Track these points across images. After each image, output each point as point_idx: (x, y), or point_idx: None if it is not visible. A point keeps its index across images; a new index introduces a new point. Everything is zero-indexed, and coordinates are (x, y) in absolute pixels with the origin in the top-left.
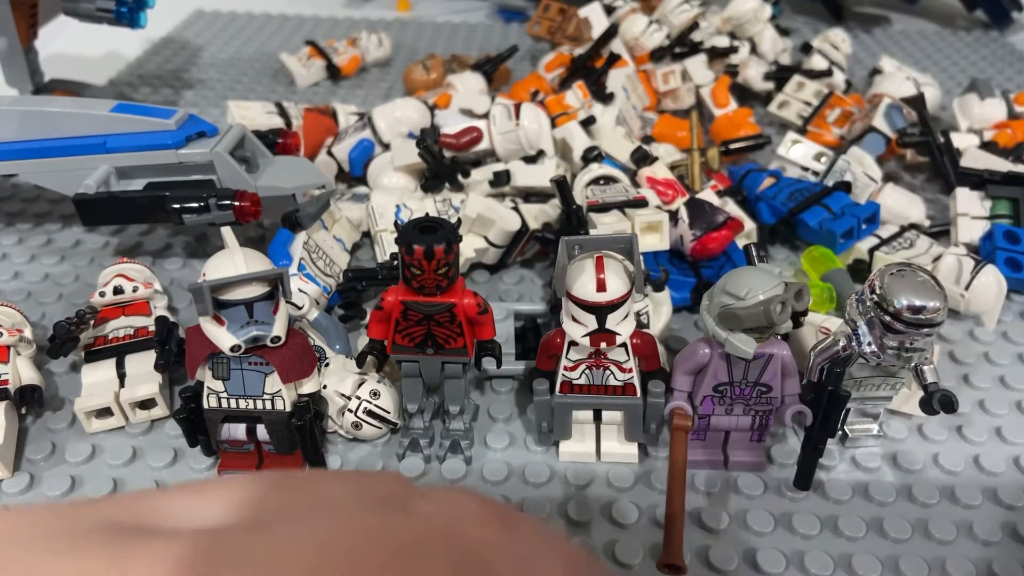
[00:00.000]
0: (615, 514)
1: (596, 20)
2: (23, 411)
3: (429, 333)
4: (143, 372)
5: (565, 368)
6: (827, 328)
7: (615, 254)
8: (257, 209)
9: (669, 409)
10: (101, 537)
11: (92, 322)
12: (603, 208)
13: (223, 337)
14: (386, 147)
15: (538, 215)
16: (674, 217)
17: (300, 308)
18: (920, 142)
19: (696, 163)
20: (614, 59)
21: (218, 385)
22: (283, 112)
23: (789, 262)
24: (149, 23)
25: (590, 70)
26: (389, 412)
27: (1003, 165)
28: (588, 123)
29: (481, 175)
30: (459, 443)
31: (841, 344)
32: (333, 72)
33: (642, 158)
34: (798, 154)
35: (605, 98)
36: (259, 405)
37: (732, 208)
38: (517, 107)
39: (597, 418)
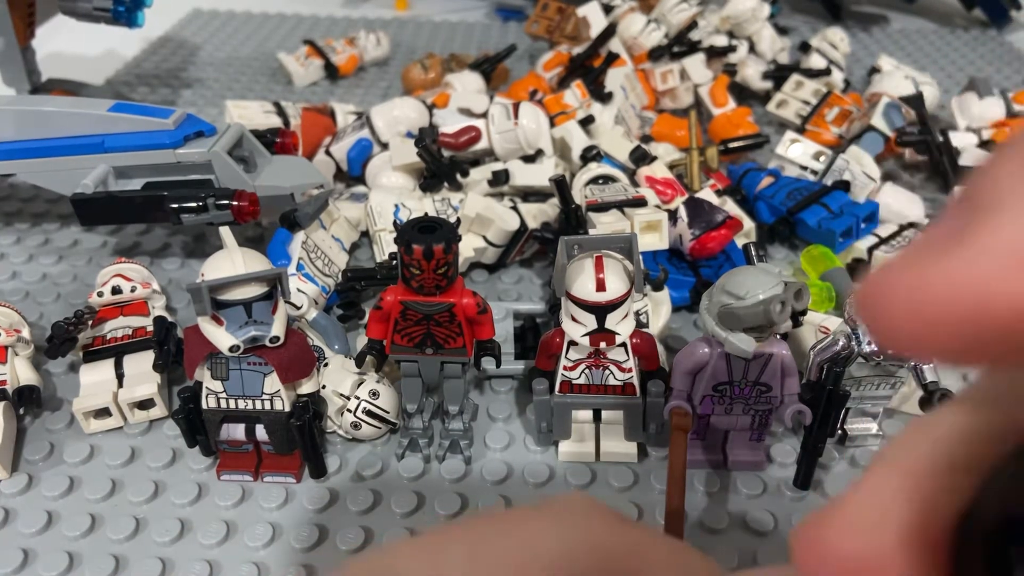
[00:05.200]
0: None
1: (594, 19)
2: (21, 411)
3: (428, 333)
4: (141, 372)
5: (564, 368)
6: (826, 327)
7: (614, 254)
8: (255, 209)
9: (668, 408)
10: None
11: (90, 322)
12: (602, 207)
13: (222, 337)
14: (384, 146)
15: (537, 214)
16: (673, 216)
17: (299, 308)
18: (919, 141)
19: (695, 162)
20: (612, 58)
21: (217, 385)
22: (281, 111)
23: (788, 261)
24: (146, 22)
25: (589, 69)
26: (388, 412)
27: None
28: (587, 122)
29: (480, 174)
30: (458, 443)
31: (840, 343)
32: (331, 71)
33: (641, 157)
34: (797, 153)
35: (604, 97)
36: (258, 405)
37: (731, 207)
38: (516, 106)
39: (597, 418)
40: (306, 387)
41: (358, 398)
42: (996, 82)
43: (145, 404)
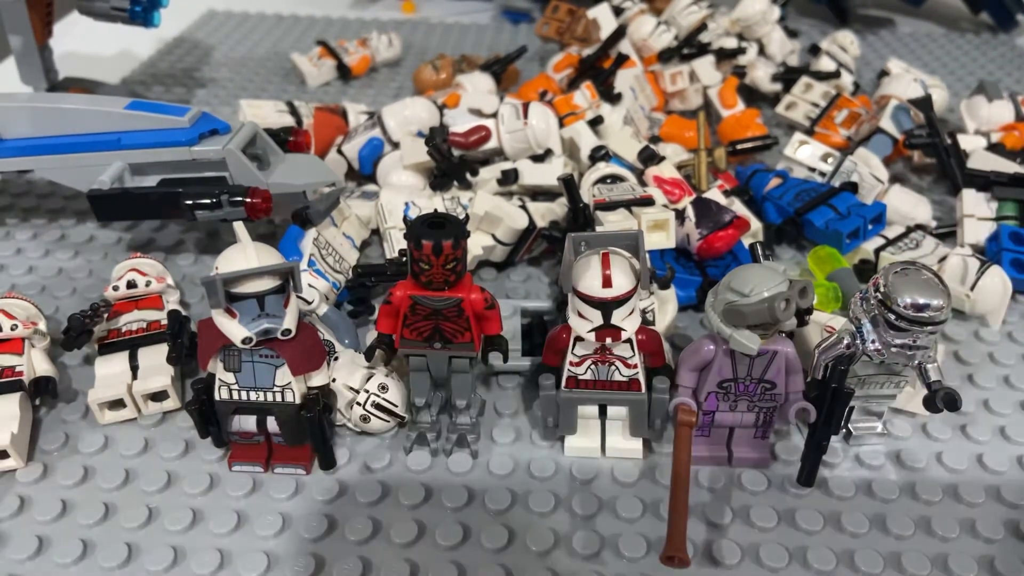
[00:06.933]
0: (619, 508)
1: (605, 21)
2: (37, 402)
3: (437, 327)
4: (155, 365)
5: (571, 363)
6: (832, 327)
7: (621, 251)
8: (268, 206)
9: (674, 405)
10: None
11: (106, 315)
12: (610, 206)
13: (235, 330)
14: (395, 145)
15: (545, 213)
16: (680, 216)
17: (310, 303)
18: (927, 143)
19: (703, 163)
20: (622, 60)
21: (229, 377)
22: (294, 111)
23: (795, 262)
24: (162, 22)
25: (598, 71)
26: (397, 406)
27: (1010, 167)
28: (596, 123)
29: (489, 173)
30: (465, 437)
31: (845, 342)
32: (344, 72)
33: (649, 157)
34: (805, 155)
35: (613, 98)
36: (269, 397)
37: (739, 207)
38: (525, 106)
39: (602, 413)
40: (316, 380)
41: (367, 391)
42: (1006, 85)
43: (158, 396)
